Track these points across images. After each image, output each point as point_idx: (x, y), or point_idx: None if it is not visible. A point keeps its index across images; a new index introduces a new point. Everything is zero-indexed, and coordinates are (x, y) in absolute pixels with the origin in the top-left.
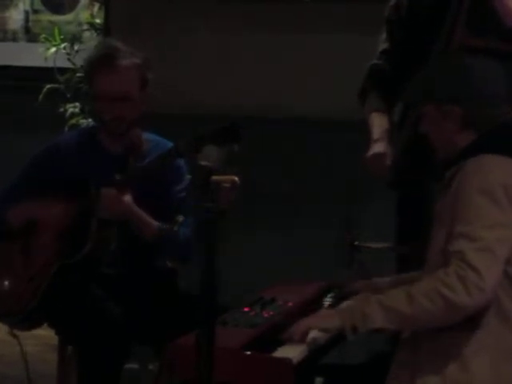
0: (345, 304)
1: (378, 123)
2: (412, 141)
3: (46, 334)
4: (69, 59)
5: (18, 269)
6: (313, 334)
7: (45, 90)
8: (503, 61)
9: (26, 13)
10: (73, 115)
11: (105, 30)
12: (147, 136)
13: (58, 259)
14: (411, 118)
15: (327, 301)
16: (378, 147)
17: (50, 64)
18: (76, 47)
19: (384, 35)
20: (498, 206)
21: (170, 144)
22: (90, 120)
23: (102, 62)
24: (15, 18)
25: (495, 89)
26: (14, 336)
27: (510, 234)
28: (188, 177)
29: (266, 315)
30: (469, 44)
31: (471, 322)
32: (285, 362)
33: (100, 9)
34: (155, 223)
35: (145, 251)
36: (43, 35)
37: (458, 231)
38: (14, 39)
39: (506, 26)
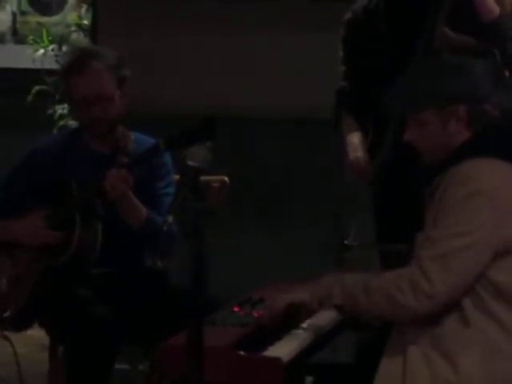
0: (315, 280)
1: (352, 140)
2: (396, 149)
3: (36, 334)
4: (57, 61)
5: (5, 271)
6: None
7: (33, 91)
8: (482, 58)
9: (14, 14)
10: (61, 116)
11: (92, 31)
12: (133, 135)
13: (43, 260)
14: (392, 125)
15: None
16: (355, 153)
17: (38, 66)
18: (64, 48)
19: (341, 54)
20: (478, 214)
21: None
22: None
23: (73, 66)
24: (2, 19)
25: (483, 85)
26: (6, 338)
27: (484, 244)
28: (173, 176)
29: (255, 314)
30: (449, 43)
31: (458, 320)
32: (275, 361)
33: (87, 10)
34: (145, 210)
35: (133, 250)
36: (31, 37)
37: (427, 234)
38: (2, 41)
39: (482, 21)
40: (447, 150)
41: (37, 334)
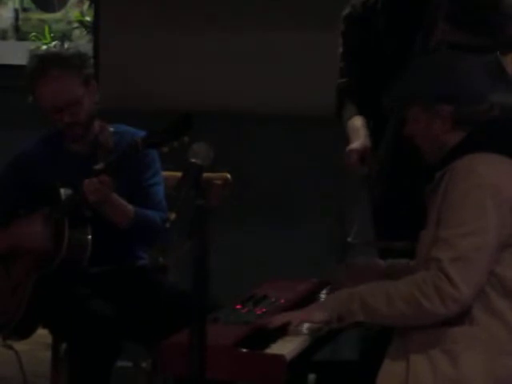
0: (331, 296)
1: (355, 123)
2: (394, 145)
3: (39, 332)
4: None
5: (2, 280)
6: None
7: None
8: (481, 54)
9: (16, 11)
10: None
11: (94, 27)
12: (115, 128)
13: (36, 268)
14: (392, 121)
15: (322, 297)
16: (358, 143)
17: None
18: (66, 45)
19: (340, 50)
20: (483, 209)
21: (137, 131)
22: None
23: (35, 76)
24: (4, 16)
25: (479, 86)
26: (10, 348)
27: (493, 239)
28: (159, 164)
29: (258, 312)
30: (449, 39)
31: (461, 317)
32: (278, 358)
33: (90, 7)
34: (131, 207)
35: (129, 247)
36: (33, 33)
37: (440, 235)
38: (4, 38)
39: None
40: (443, 148)
41: (39, 332)
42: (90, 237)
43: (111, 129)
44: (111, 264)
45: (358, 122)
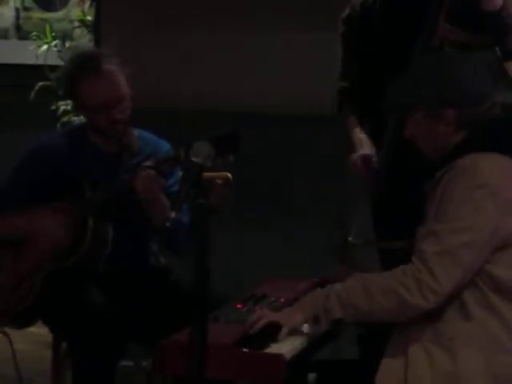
0: (307, 296)
1: (359, 135)
2: (394, 146)
3: (39, 331)
4: (60, 57)
5: (7, 271)
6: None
7: (36, 87)
8: (481, 52)
9: (17, 10)
10: (65, 113)
11: (96, 27)
12: (138, 133)
13: (52, 261)
14: (392, 123)
15: None
16: (363, 150)
17: (41, 62)
18: (67, 44)
19: (341, 52)
20: (481, 208)
21: (159, 140)
22: (82, 117)
23: (85, 71)
24: (6, 15)
25: (481, 86)
26: (4, 334)
27: (485, 239)
28: (179, 172)
29: (258, 311)
30: (451, 38)
31: (460, 313)
32: (278, 358)
33: (91, 6)
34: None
35: (140, 248)
36: (34, 33)
37: (430, 228)
38: (5, 37)
39: (482, 10)
40: (444, 148)
41: (40, 331)
42: (110, 239)
43: (136, 133)
44: (120, 264)
45: (363, 134)
